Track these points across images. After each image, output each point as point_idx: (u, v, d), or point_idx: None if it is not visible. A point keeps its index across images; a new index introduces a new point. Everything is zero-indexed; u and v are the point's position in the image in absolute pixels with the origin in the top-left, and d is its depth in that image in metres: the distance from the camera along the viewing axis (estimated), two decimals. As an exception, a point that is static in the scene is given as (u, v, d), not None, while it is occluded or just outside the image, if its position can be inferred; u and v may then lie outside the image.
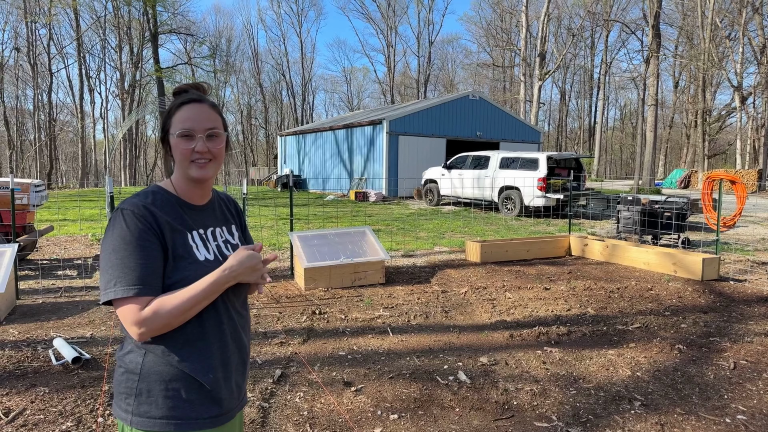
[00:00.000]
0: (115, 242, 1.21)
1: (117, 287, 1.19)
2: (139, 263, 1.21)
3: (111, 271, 1.20)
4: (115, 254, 1.20)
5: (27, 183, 6.91)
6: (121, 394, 1.26)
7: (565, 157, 14.09)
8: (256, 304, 5.31)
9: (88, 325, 4.64)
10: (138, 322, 1.18)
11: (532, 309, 5.24)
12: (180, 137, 1.30)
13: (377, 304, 5.37)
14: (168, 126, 1.33)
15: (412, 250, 8.48)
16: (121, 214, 1.24)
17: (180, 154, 1.31)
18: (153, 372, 1.24)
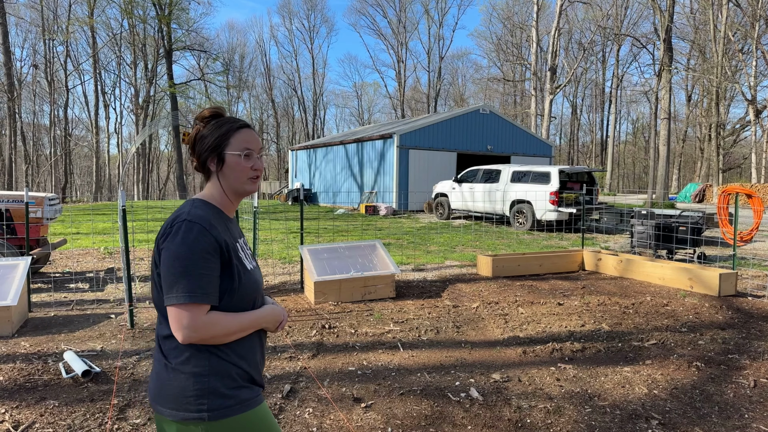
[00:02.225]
0: (182, 251, 1.32)
1: (181, 293, 1.30)
2: (202, 273, 1.33)
3: (177, 278, 1.31)
4: (180, 262, 1.32)
5: (41, 197, 6.99)
6: (190, 397, 1.35)
7: (577, 171, 14.00)
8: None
9: (98, 338, 4.64)
10: (194, 327, 1.31)
11: (545, 325, 5.15)
12: (243, 157, 1.48)
13: (387, 318, 5.32)
14: (225, 145, 1.47)
15: (423, 264, 8.43)
16: (189, 225, 1.35)
17: (241, 171, 1.48)
18: (219, 370, 1.38)
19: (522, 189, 13.86)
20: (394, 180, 19.58)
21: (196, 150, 1.50)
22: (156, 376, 1.41)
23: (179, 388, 1.36)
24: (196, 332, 1.32)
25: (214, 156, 1.48)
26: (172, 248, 1.33)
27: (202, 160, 1.49)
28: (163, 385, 1.38)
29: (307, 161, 25.99)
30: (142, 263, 8.49)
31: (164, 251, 1.34)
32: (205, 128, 1.50)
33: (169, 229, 1.36)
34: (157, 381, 1.40)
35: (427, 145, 20.06)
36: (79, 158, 55.14)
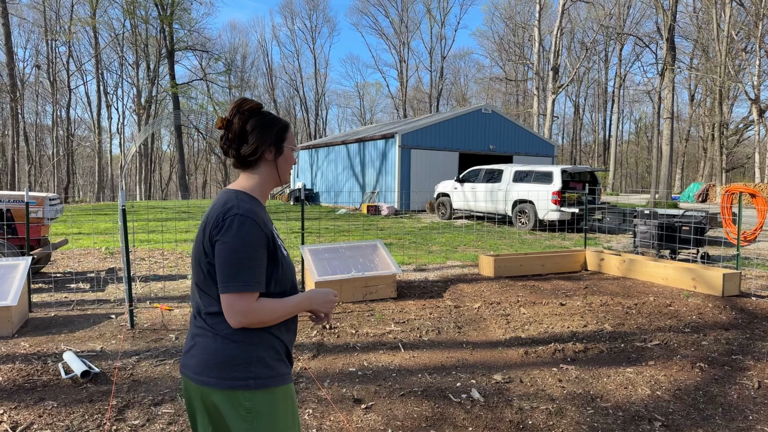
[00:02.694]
0: (238, 244, 1.43)
1: (237, 282, 1.42)
2: (254, 264, 1.45)
3: (233, 269, 1.42)
4: (236, 254, 1.43)
5: (42, 197, 6.98)
6: (239, 365, 1.46)
7: (579, 171, 13.95)
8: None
9: (98, 338, 4.63)
10: (246, 313, 1.43)
11: (547, 325, 5.12)
12: (292, 151, 1.67)
13: (388, 318, 5.29)
14: (284, 138, 1.64)
15: (425, 264, 8.40)
16: (242, 219, 1.46)
17: (290, 163, 1.67)
18: (265, 341, 1.50)
19: (524, 189, 13.82)
20: (396, 180, 19.56)
21: (242, 140, 1.57)
22: (201, 348, 1.48)
23: (230, 356, 1.46)
24: (248, 317, 1.44)
25: (273, 147, 1.60)
26: (228, 241, 1.43)
27: (261, 149, 1.58)
28: (211, 355, 1.46)
29: (309, 161, 25.98)
30: (143, 263, 8.48)
31: (220, 244, 1.44)
32: (251, 120, 1.58)
33: (221, 223, 1.45)
34: (203, 353, 1.47)
35: (429, 145, 20.03)
36: (81, 158, 55.23)
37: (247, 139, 1.57)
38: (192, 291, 1.58)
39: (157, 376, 3.77)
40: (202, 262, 1.50)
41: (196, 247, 1.53)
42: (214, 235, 1.46)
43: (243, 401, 1.45)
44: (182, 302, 5.98)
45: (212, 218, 1.49)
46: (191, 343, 1.54)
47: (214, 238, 1.46)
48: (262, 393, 1.47)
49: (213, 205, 1.55)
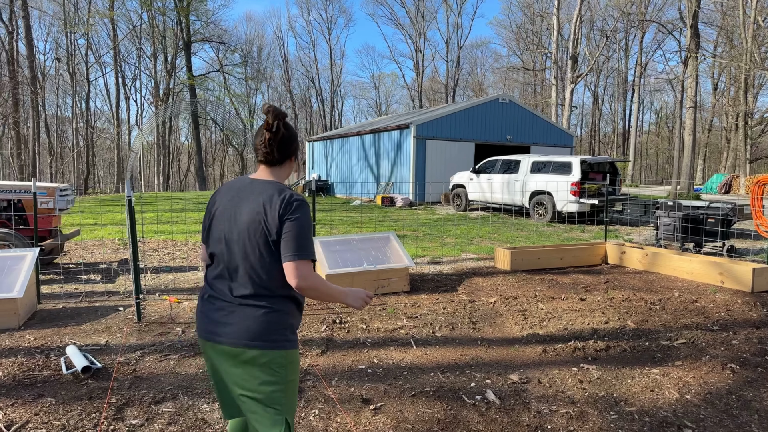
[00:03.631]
0: (305, 222, 1.77)
1: (305, 252, 1.74)
2: (311, 241, 1.79)
3: (302, 242, 1.75)
4: (304, 231, 1.76)
5: (53, 187, 6.93)
6: (281, 329, 1.80)
7: (599, 161, 13.58)
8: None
9: (104, 332, 4.54)
10: (306, 277, 1.74)
11: (566, 321, 4.90)
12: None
13: (401, 313, 5.12)
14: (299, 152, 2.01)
15: (439, 257, 8.20)
16: (304, 203, 1.80)
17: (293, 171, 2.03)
18: (292, 314, 1.86)
19: (542, 180, 13.50)
20: (410, 171, 19.33)
21: (284, 146, 1.90)
22: (243, 317, 1.76)
23: (273, 323, 1.77)
24: (306, 281, 1.74)
25: (295, 155, 1.96)
26: (299, 220, 1.76)
27: (290, 154, 1.94)
28: (254, 322, 1.76)
29: (324, 152, 25.85)
30: (155, 255, 8.42)
31: (290, 221, 1.75)
32: (288, 129, 1.92)
33: (289, 205, 1.76)
34: (246, 320, 1.76)
35: (444, 136, 19.73)
36: (102, 150, 55.86)
37: (287, 144, 1.90)
38: (229, 271, 1.83)
39: (161, 372, 3.65)
40: (260, 242, 1.77)
41: (254, 230, 1.78)
42: (284, 215, 1.75)
43: (278, 359, 1.78)
44: (192, 294, 5.88)
45: (275, 202, 1.77)
46: (226, 314, 1.79)
47: (284, 217, 1.75)
48: (290, 353, 1.82)
49: (255, 193, 1.82)
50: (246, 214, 1.79)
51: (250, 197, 1.82)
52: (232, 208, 1.84)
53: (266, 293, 1.80)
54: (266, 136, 1.87)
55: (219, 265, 1.85)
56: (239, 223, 1.80)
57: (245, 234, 1.78)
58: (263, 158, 1.90)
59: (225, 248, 1.83)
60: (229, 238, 1.81)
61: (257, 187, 1.83)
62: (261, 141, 1.88)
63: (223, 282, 1.83)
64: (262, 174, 1.91)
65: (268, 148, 1.88)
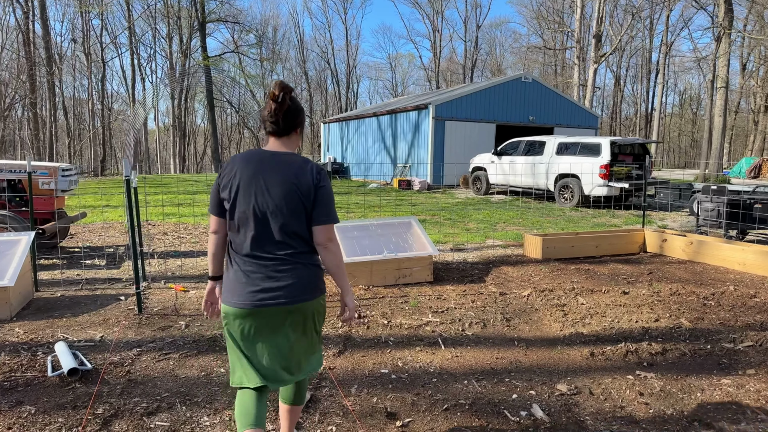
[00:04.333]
0: (331, 189, 1.99)
1: (335, 216, 1.99)
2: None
3: (333, 207, 1.99)
4: (332, 196, 1.99)
5: (54, 166, 6.54)
6: (319, 281, 2.02)
7: (629, 143, 12.86)
8: (289, 304, 4.70)
9: (101, 324, 4.14)
10: (334, 240, 1.99)
11: (612, 318, 4.38)
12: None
13: (425, 307, 4.64)
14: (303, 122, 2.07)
15: (462, 244, 7.69)
16: (325, 171, 2.01)
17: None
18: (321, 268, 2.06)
19: (569, 162, 12.84)
20: (428, 153, 18.72)
21: (290, 116, 2.00)
22: (295, 277, 1.94)
23: (316, 277, 2.00)
24: (334, 242, 1.98)
25: (300, 127, 2.04)
26: (329, 187, 1.97)
27: (295, 126, 2.02)
28: (306, 280, 1.96)
29: (339, 134, 25.30)
30: (165, 238, 8.05)
31: (322, 189, 1.94)
32: (294, 101, 2.00)
33: (319, 175, 1.95)
34: (299, 279, 1.94)
35: (464, 116, 19.04)
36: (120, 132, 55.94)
37: (292, 115, 1.99)
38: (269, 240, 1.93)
39: (158, 374, 3.23)
40: (298, 209, 1.92)
41: (291, 199, 1.91)
42: (317, 182, 1.93)
43: (321, 301, 2.04)
44: (199, 282, 5.47)
45: (306, 172, 1.93)
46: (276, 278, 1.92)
47: (319, 184, 1.93)
48: (325, 296, 2.07)
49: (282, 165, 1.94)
50: (279, 185, 1.91)
51: (277, 168, 1.93)
52: (261, 179, 1.92)
53: (306, 253, 1.98)
54: (272, 106, 1.96)
55: (251, 235, 1.93)
56: (273, 194, 1.90)
57: (282, 203, 1.90)
58: (271, 129, 1.99)
59: (259, 219, 1.92)
60: (264, 209, 1.91)
61: (282, 158, 1.96)
62: (268, 112, 1.97)
63: (261, 250, 1.94)
64: (275, 146, 2.01)
65: (274, 118, 1.97)
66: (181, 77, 41.22)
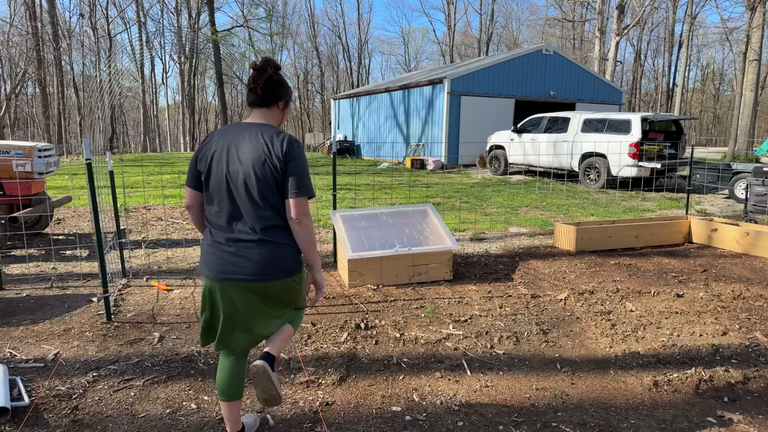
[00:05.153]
0: (304, 160, 1.94)
1: (308, 189, 1.93)
2: (310, 179, 1.96)
3: (306, 179, 1.92)
4: (305, 168, 1.92)
5: (29, 146, 5.88)
6: (292, 261, 1.98)
7: (662, 119, 11.89)
8: (284, 309, 4.01)
9: (60, 336, 3.49)
10: (307, 213, 1.92)
11: (670, 331, 3.64)
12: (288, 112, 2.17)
13: (445, 314, 3.93)
14: (291, 99, 2.12)
15: (483, 232, 6.95)
16: (299, 143, 1.95)
17: (285, 119, 2.14)
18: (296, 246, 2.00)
19: (595, 140, 11.92)
20: (443, 130, 17.82)
21: (270, 87, 2.00)
22: (262, 256, 1.91)
23: (285, 256, 1.95)
24: (306, 216, 1.93)
25: (284, 101, 2.06)
26: (301, 159, 1.92)
27: (276, 98, 2.03)
28: (274, 259, 1.94)
29: (350, 111, 24.41)
30: (157, 225, 7.40)
31: (293, 161, 1.90)
32: (277, 74, 2.02)
33: (290, 146, 1.91)
34: (267, 258, 1.92)
35: (481, 91, 18.05)
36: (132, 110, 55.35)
37: (273, 86, 2.00)
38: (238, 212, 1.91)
39: (111, 412, 2.57)
40: (269, 181, 1.88)
41: (260, 169, 1.88)
42: (287, 154, 1.89)
43: (292, 282, 2.01)
44: (186, 278, 4.81)
45: (276, 142, 1.90)
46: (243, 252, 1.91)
47: (288, 156, 1.89)
48: (302, 273, 2.06)
49: (254, 134, 1.92)
50: (250, 154, 1.88)
51: (248, 139, 1.90)
52: (232, 150, 1.90)
53: (277, 228, 1.94)
54: (253, 75, 1.97)
55: (224, 206, 1.92)
56: (244, 163, 1.88)
57: (252, 174, 1.87)
58: (251, 98, 2.00)
59: (229, 189, 1.90)
60: (235, 178, 1.89)
61: (254, 129, 1.93)
62: (248, 80, 1.98)
63: (233, 222, 1.92)
64: (254, 117, 2.01)
65: (252, 85, 1.97)
66: (148, 42, 40.30)
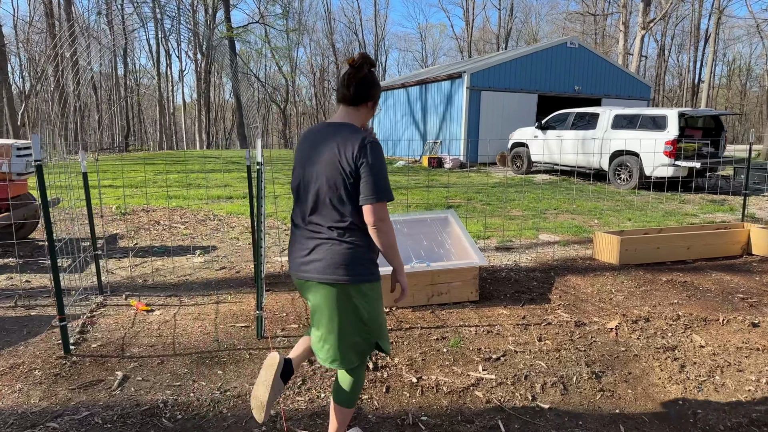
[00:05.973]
0: (383, 164, 1.85)
1: (385, 194, 1.84)
2: (388, 181, 1.88)
3: (383, 183, 1.83)
4: (382, 172, 1.83)
5: (7, 144, 5.32)
6: (364, 264, 1.90)
7: (702, 115, 11.00)
8: (282, 333, 3.35)
9: (4, 375, 2.88)
10: (384, 218, 1.85)
11: (756, 376, 2.90)
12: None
13: (471, 348, 3.24)
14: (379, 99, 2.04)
15: (509, 240, 6.22)
16: (377, 145, 1.87)
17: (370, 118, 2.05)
18: (372, 249, 1.95)
19: (627, 137, 11.07)
20: (462, 127, 17.05)
21: (363, 86, 1.94)
22: (329, 254, 1.86)
23: (348, 258, 1.86)
24: (384, 222, 1.85)
25: (373, 101, 1.99)
26: (376, 162, 1.82)
27: (367, 98, 1.97)
28: (340, 258, 1.86)
29: (366, 107, 23.73)
30: (154, 229, 6.82)
31: (366, 165, 1.81)
32: (372, 73, 1.95)
33: (363, 149, 1.82)
34: (332, 256, 1.86)
35: (502, 86, 17.22)
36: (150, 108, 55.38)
37: (366, 85, 1.94)
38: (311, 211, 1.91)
39: (33, 498, 1.93)
40: (338, 183, 1.84)
41: (330, 171, 1.84)
42: (359, 157, 1.81)
43: (365, 291, 1.90)
44: (172, 295, 4.19)
45: (349, 145, 1.83)
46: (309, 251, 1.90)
47: (359, 160, 1.81)
48: (375, 285, 1.94)
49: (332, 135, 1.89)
50: (324, 156, 1.86)
51: (326, 140, 1.89)
52: (311, 150, 1.92)
53: (345, 230, 1.87)
54: (348, 72, 1.93)
55: (301, 205, 1.95)
56: (318, 165, 1.88)
57: (323, 175, 1.86)
58: (340, 95, 1.97)
59: (306, 190, 1.92)
60: (308, 179, 1.91)
61: (335, 129, 1.91)
62: (342, 78, 1.94)
63: (306, 221, 1.93)
64: (339, 116, 1.98)
65: (346, 82, 1.93)
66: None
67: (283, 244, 6.01)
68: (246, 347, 3.23)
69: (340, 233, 1.86)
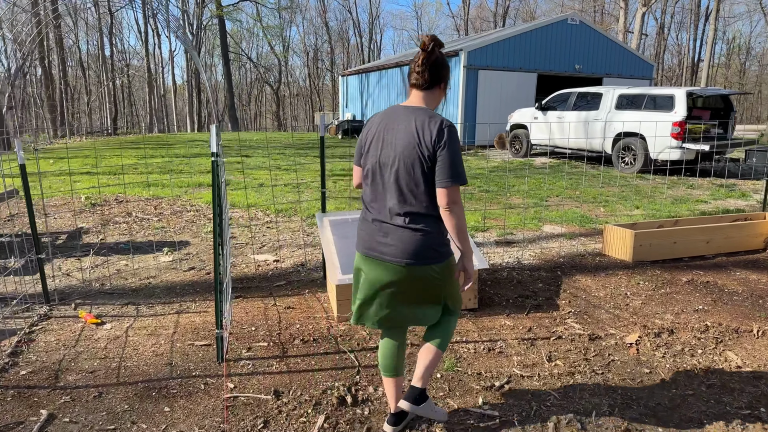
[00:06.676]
0: (456, 148, 1.85)
1: (460, 178, 1.86)
2: (463, 165, 1.89)
3: (458, 167, 1.85)
4: (459, 156, 1.86)
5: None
6: (436, 246, 1.93)
7: (711, 94, 10.43)
8: (247, 354, 2.85)
9: None
10: (458, 201, 1.88)
11: (812, 411, 2.42)
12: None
13: (470, 373, 2.75)
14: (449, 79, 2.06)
15: (510, 232, 5.72)
16: (454, 129, 1.88)
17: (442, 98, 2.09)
18: (444, 232, 1.98)
19: (632, 118, 10.51)
20: (459, 108, 16.43)
21: (435, 69, 1.94)
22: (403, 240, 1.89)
23: (423, 242, 1.90)
24: (457, 204, 1.88)
25: (446, 82, 2.01)
26: (452, 146, 1.84)
27: (440, 80, 1.98)
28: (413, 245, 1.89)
29: (359, 88, 23.02)
30: (123, 222, 6.27)
31: (443, 149, 1.83)
32: (442, 56, 1.97)
33: (441, 133, 1.84)
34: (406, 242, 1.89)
35: (500, 65, 16.56)
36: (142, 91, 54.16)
37: (438, 67, 1.95)
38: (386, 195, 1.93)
39: None
40: (416, 166, 1.86)
41: (408, 155, 1.86)
42: (438, 141, 1.83)
43: (431, 272, 1.93)
44: (129, 303, 3.68)
45: (427, 129, 1.84)
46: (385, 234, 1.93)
47: (438, 144, 1.83)
48: (448, 261, 1.98)
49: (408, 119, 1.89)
50: (401, 140, 1.88)
51: (403, 123, 1.90)
52: (387, 133, 1.93)
53: (420, 215, 1.90)
54: (421, 56, 1.94)
55: (375, 188, 1.96)
56: (396, 147, 1.89)
57: (400, 158, 1.87)
58: (414, 80, 1.96)
59: (382, 173, 1.93)
60: (385, 162, 1.92)
61: (410, 113, 1.91)
62: (415, 62, 1.95)
63: (381, 204, 1.95)
64: (413, 100, 1.98)
65: (420, 68, 1.93)
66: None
67: (263, 240, 5.49)
68: (202, 373, 2.73)
69: (413, 219, 1.90)
